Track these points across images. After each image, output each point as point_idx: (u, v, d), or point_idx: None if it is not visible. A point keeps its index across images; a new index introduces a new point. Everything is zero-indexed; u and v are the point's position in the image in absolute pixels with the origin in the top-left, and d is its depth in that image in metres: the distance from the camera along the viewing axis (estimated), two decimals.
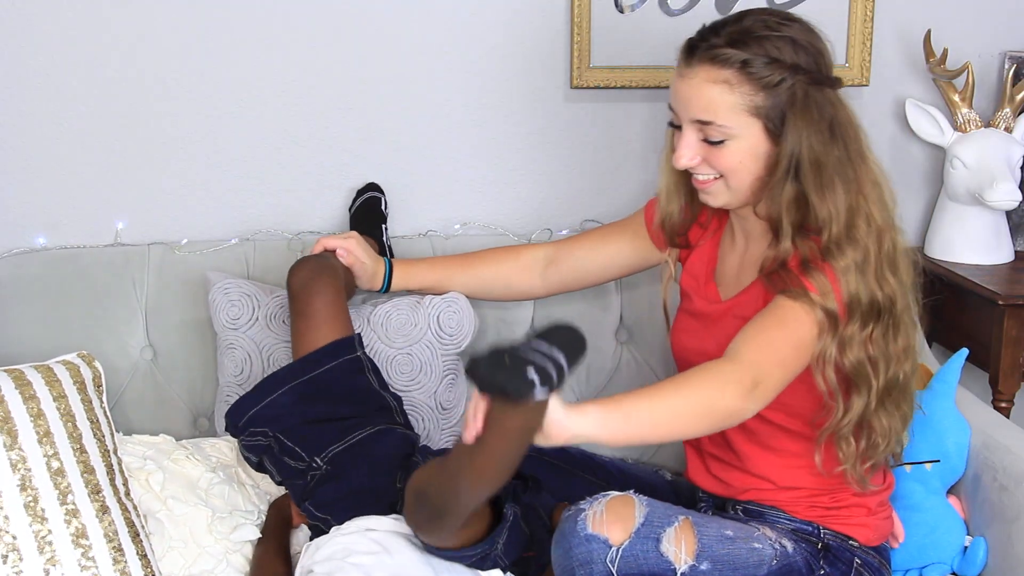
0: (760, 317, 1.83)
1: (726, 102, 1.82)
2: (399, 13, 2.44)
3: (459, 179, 2.53)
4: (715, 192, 1.92)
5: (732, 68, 1.81)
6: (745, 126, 1.83)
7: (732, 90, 1.82)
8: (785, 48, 1.83)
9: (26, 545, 1.83)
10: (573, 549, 1.80)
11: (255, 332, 2.22)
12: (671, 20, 2.49)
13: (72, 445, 1.91)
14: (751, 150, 1.85)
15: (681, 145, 1.88)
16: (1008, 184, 2.44)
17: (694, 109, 1.85)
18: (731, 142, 1.85)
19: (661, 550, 1.79)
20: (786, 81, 1.82)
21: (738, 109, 1.83)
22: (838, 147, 1.84)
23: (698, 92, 1.84)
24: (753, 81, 1.81)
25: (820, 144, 1.82)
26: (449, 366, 2.25)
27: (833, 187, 1.82)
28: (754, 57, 1.81)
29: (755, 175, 1.87)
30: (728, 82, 1.82)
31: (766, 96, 1.82)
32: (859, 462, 1.89)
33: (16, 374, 1.94)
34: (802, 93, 1.82)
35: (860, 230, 1.83)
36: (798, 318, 1.80)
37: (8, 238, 2.41)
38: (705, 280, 2.05)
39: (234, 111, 2.44)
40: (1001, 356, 2.38)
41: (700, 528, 1.84)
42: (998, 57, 2.62)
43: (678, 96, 1.87)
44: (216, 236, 2.45)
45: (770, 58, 1.81)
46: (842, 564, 1.93)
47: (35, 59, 2.37)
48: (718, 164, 1.87)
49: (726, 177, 1.88)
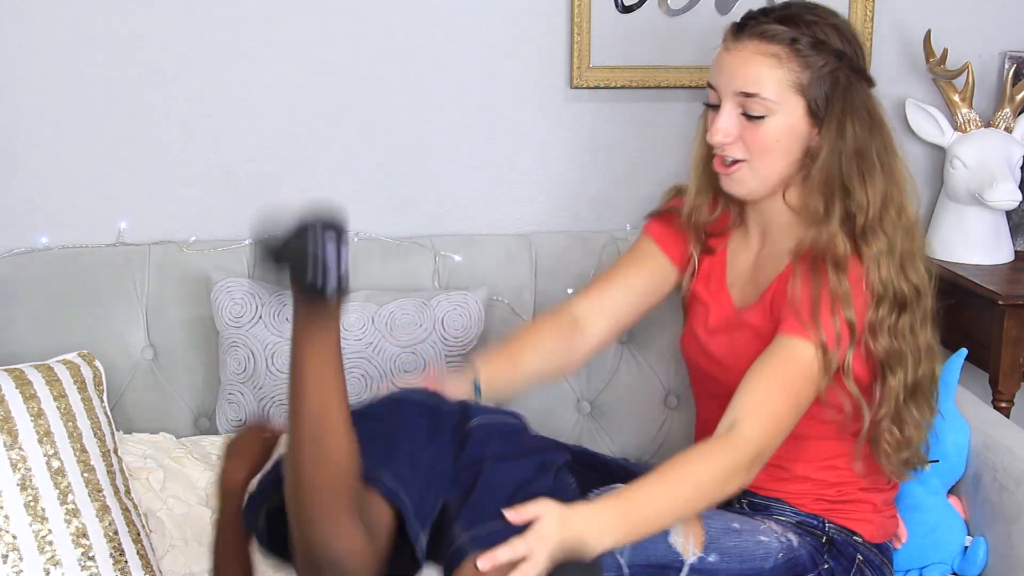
0: (762, 373, 1.82)
1: (773, 76, 1.84)
2: (400, 13, 2.44)
3: (459, 179, 2.53)
4: (740, 178, 1.91)
5: (781, 44, 1.84)
6: (789, 103, 1.85)
7: (780, 64, 1.84)
8: (832, 34, 1.86)
9: (26, 545, 1.83)
10: None
11: (258, 330, 2.22)
12: (671, 20, 2.49)
13: (72, 444, 1.91)
14: (789, 129, 1.86)
15: (719, 118, 1.88)
16: (1008, 184, 2.44)
17: (739, 81, 1.86)
18: (771, 118, 1.86)
19: (670, 542, 1.80)
20: (830, 65, 1.85)
21: (784, 84, 1.84)
22: (876, 138, 1.87)
23: (746, 64, 1.85)
24: (801, 58, 1.84)
25: (863, 131, 1.86)
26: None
27: (873, 174, 1.85)
28: (803, 36, 1.84)
29: (788, 158, 1.88)
30: (777, 56, 1.84)
31: (812, 76, 1.84)
32: (895, 454, 1.91)
33: (16, 373, 1.94)
34: (845, 80, 1.86)
35: (891, 220, 1.86)
36: (802, 370, 1.81)
37: (10, 238, 2.41)
38: (717, 286, 2.04)
39: (235, 111, 2.44)
40: (1001, 356, 2.37)
41: (707, 521, 1.84)
42: (998, 57, 2.62)
43: (723, 69, 1.88)
44: (218, 236, 2.45)
45: (817, 40, 1.85)
46: (845, 559, 1.94)
47: (37, 58, 2.37)
48: (755, 141, 1.87)
49: (754, 160, 1.88)
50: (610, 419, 2.38)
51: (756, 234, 2.02)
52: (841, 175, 1.85)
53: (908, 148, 2.61)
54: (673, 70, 2.50)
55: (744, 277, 2.02)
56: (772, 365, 1.83)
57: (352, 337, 2.22)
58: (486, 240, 2.47)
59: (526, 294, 2.41)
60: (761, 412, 1.80)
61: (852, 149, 1.85)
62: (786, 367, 1.82)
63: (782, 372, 1.82)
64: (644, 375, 2.40)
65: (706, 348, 2.02)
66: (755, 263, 2.01)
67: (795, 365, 1.82)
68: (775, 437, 1.81)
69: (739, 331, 1.97)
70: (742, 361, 1.93)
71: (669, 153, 2.52)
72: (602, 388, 2.42)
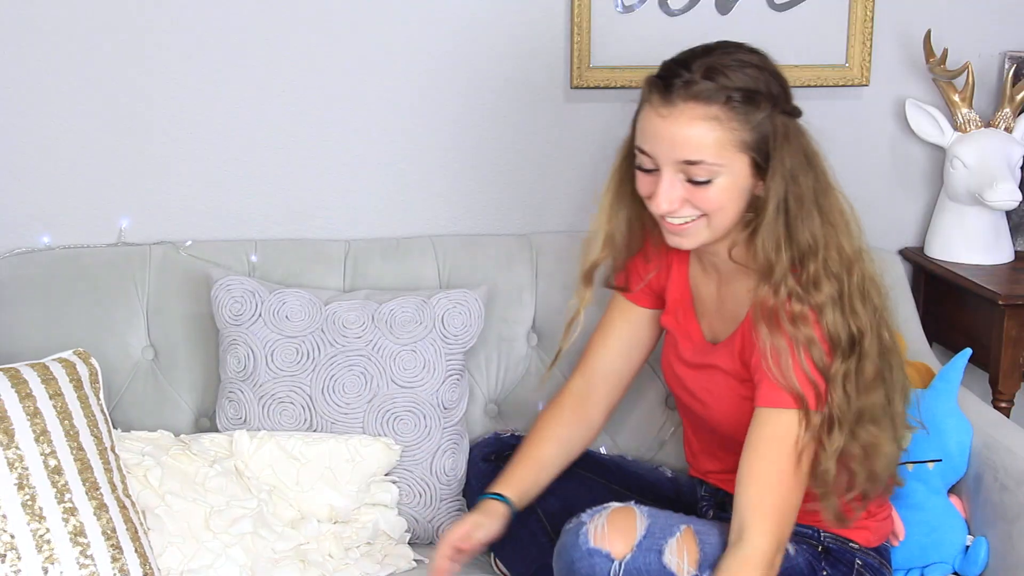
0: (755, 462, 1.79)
1: (716, 139, 1.75)
2: (400, 14, 2.44)
3: (459, 179, 2.53)
4: (693, 233, 1.84)
5: (716, 103, 1.75)
6: (733, 162, 1.77)
7: (720, 126, 1.75)
8: (760, 78, 1.78)
9: (24, 544, 1.82)
10: (576, 563, 1.79)
11: (257, 328, 2.22)
12: (671, 20, 2.49)
13: (69, 443, 1.91)
14: (736, 186, 1.79)
15: (662, 189, 1.79)
16: (1008, 184, 2.44)
17: (680, 150, 1.76)
18: (718, 180, 1.78)
19: (664, 562, 1.79)
20: (765, 113, 1.77)
21: (727, 145, 1.76)
22: (811, 178, 1.80)
23: (684, 131, 1.75)
24: (738, 116, 1.75)
25: (802, 175, 1.79)
26: (453, 365, 2.25)
27: (811, 219, 1.79)
28: (735, 91, 1.75)
29: (737, 209, 1.82)
30: (716, 118, 1.75)
31: (751, 130, 1.76)
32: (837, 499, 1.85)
33: (12, 372, 1.93)
34: (782, 124, 1.78)
35: (833, 262, 1.80)
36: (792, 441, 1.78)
37: (11, 237, 2.41)
38: (685, 317, 2.01)
39: (235, 110, 2.44)
40: (1001, 356, 2.37)
41: (702, 536, 1.83)
42: (998, 57, 2.62)
43: (660, 138, 1.78)
44: (219, 236, 2.45)
45: (749, 90, 1.76)
46: (843, 566, 1.93)
47: (37, 58, 2.37)
48: (704, 204, 1.79)
49: (710, 216, 1.81)
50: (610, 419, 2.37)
51: (712, 272, 1.98)
52: (787, 226, 1.79)
53: (908, 148, 2.62)
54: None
55: (711, 310, 1.98)
56: (761, 448, 1.80)
57: (352, 335, 2.22)
58: (486, 240, 2.47)
59: (526, 294, 2.41)
60: (764, 510, 1.78)
61: (795, 197, 1.78)
62: (776, 447, 1.79)
63: (774, 452, 1.79)
64: (644, 375, 2.39)
65: (684, 382, 2.01)
66: (718, 297, 1.97)
67: (783, 440, 1.79)
68: (785, 526, 1.80)
69: (710, 370, 1.95)
70: (720, 401, 1.93)
71: None
72: None
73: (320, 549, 2.10)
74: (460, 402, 2.26)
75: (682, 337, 2.00)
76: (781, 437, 1.79)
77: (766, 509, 1.78)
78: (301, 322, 2.23)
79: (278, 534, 2.08)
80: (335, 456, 2.15)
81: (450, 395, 2.24)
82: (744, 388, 1.87)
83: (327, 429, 2.20)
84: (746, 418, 1.84)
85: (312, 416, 2.20)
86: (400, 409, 2.21)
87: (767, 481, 1.79)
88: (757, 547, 1.77)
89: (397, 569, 2.13)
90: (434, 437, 2.22)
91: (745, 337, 1.86)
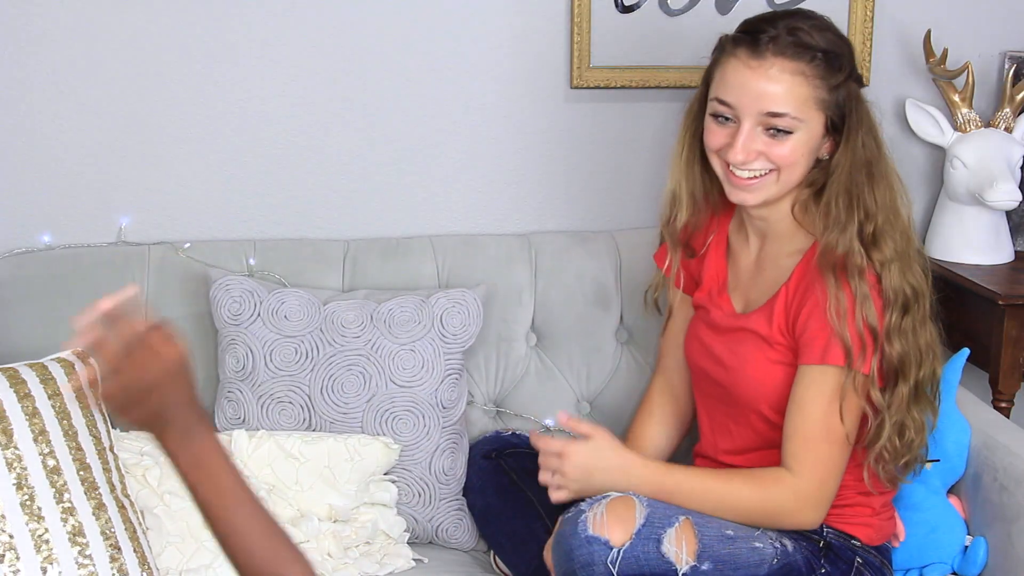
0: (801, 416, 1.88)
1: (801, 94, 1.85)
2: (399, 14, 2.44)
3: (459, 180, 2.53)
4: (761, 188, 1.91)
5: (803, 61, 1.85)
6: (811, 119, 1.87)
7: (806, 81, 1.85)
8: (838, 42, 1.90)
9: (23, 544, 1.82)
10: (574, 551, 1.80)
11: (256, 328, 2.22)
12: (671, 20, 2.49)
13: (68, 443, 1.91)
14: (809, 144, 1.89)
15: (740, 139, 1.88)
16: (1008, 184, 2.44)
17: (767, 101, 1.85)
18: (796, 134, 1.87)
19: (662, 551, 1.80)
20: (842, 77, 1.88)
21: (809, 101, 1.86)
22: (874, 145, 1.91)
23: (775, 83, 1.85)
24: (821, 74, 1.86)
25: (870, 141, 1.89)
26: (452, 365, 2.25)
27: (880, 183, 1.89)
28: (820, 51, 1.86)
29: (804, 170, 1.91)
30: (803, 73, 1.85)
31: (830, 90, 1.87)
32: (892, 460, 1.92)
33: (10, 372, 1.93)
34: (856, 90, 1.90)
35: (890, 225, 1.89)
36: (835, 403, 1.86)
37: (11, 237, 2.41)
38: (719, 294, 2.05)
39: (236, 111, 2.44)
40: (1001, 356, 2.37)
41: (701, 528, 1.84)
42: (998, 57, 2.61)
43: (746, 88, 1.86)
44: (218, 235, 2.45)
45: (832, 52, 1.87)
46: (843, 563, 1.93)
47: (37, 58, 2.37)
48: (778, 158, 1.88)
49: (780, 171, 1.89)
50: (610, 419, 2.37)
51: (754, 238, 2.02)
52: (857, 185, 1.88)
53: (908, 148, 2.61)
54: (673, 70, 2.50)
55: (745, 281, 2.02)
56: (807, 406, 1.88)
57: (351, 335, 2.22)
58: (486, 240, 2.46)
59: (525, 294, 2.41)
60: (809, 459, 1.87)
61: (863, 160, 1.88)
62: (821, 403, 1.87)
63: (819, 409, 1.87)
64: (644, 375, 2.39)
65: (710, 349, 2.03)
66: (755, 266, 2.01)
67: (828, 397, 1.86)
68: (827, 481, 1.88)
69: (741, 334, 1.98)
70: (746, 364, 1.95)
71: (669, 153, 2.52)
72: (602, 388, 2.41)
73: (319, 548, 2.10)
74: (459, 402, 2.26)
75: (714, 308, 2.05)
76: (827, 394, 1.86)
77: (810, 460, 1.87)
78: (300, 322, 2.23)
79: None
80: (334, 455, 2.15)
81: (449, 395, 2.24)
82: (774, 352, 1.93)
83: (326, 429, 2.20)
84: (769, 381, 1.92)
85: (311, 416, 2.20)
86: (399, 409, 2.21)
87: (813, 434, 1.86)
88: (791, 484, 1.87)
89: (396, 568, 2.14)
90: (433, 437, 2.22)
91: (789, 297, 1.92)
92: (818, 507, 1.89)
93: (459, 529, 2.23)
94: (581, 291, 2.41)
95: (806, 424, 1.87)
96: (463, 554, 2.25)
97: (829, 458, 1.87)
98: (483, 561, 2.23)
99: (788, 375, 1.91)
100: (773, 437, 1.94)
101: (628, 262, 2.43)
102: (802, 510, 1.88)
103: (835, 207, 1.88)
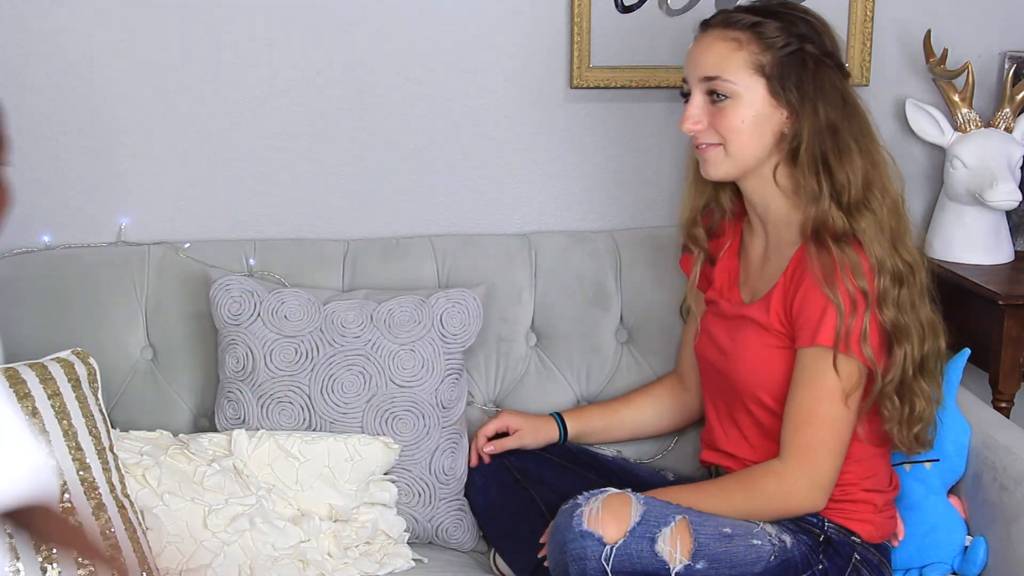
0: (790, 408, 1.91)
1: (733, 59, 1.92)
2: (399, 14, 2.44)
3: (459, 179, 2.53)
4: (714, 160, 1.97)
5: (742, 29, 1.92)
6: (749, 86, 1.91)
7: (740, 47, 1.92)
8: (799, 24, 1.93)
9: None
10: (567, 544, 1.81)
11: (256, 328, 2.22)
12: (671, 20, 2.49)
13: (67, 443, 1.91)
14: (752, 110, 1.92)
15: (689, 106, 1.96)
16: (1008, 184, 2.44)
17: (703, 67, 1.94)
18: (733, 100, 1.92)
19: (656, 550, 1.80)
20: (792, 46, 1.91)
21: (744, 66, 1.91)
22: (851, 120, 1.93)
23: (708, 50, 1.95)
24: (761, 41, 1.91)
25: (835, 111, 1.91)
26: (451, 365, 2.25)
27: (850, 152, 1.91)
28: (766, 21, 1.91)
29: (759, 141, 1.93)
30: (737, 40, 1.92)
31: (772, 57, 1.91)
32: (905, 426, 1.94)
33: (10, 372, 1.93)
34: (812, 61, 1.91)
35: (876, 199, 1.91)
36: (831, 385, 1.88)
37: (11, 237, 2.41)
38: (729, 288, 2.08)
39: (235, 111, 2.44)
40: (1001, 356, 2.37)
41: (697, 527, 1.84)
42: (998, 57, 2.61)
43: (689, 59, 1.98)
44: (218, 235, 2.45)
45: (781, 25, 1.91)
46: (841, 559, 1.94)
47: (36, 58, 2.37)
48: (720, 125, 1.93)
49: (726, 143, 1.94)
50: None
51: (759, 228, 2.04)
52: (823, 153, 1.90)
53: (908, 148, 2.61)
54: (674, 70, 2.48)
55: (754, 272, 2.05)
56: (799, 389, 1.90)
57: (351, 335, 2.22)
58: (486, 240, 2.46)
59: (525, 294, 2.41)
60: (796, 443, 1.89)
61: (825, 127, 1.90)
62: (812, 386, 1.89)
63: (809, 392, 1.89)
64: (644, 375, 2.39)
65: (713, 335, 2.06)
66: (763, 256, 2.03)
67: (819, 378, 1.88)
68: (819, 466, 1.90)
69: (741, 321, 2.00)
70: (744, 350, 1.98)
71: (669, 153, 2.52)
72: (602, 388, 2.41)
73: (319, 548, 2.11)
74: (459, 401, 2.26)
75: (723, 300, 2.07)
76: (817, 377, 1.88)
77: (798, 445, 1.88)
78: (300, 322, 2.23)
79: (279, 530, 2.08)
80: (334, 455, 2.15)
81: (449, 394, 2.24)
82: (771, 338, 1.95)
83: (326, 428, 2.20)
84: (764, 368, 1.94)
85: (311, 416, 2.20)
86: (399, 408, 2.21)
87: (800, 419, 1.89)
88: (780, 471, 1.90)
89: (396, 568, 2.14)
90: (433, 436, 2.22)
91: (786, 285, 1.94)
92: (812, 491, 1.90)
93: (459, 529, 2.23)
94: (581, 291, 2.41)
95: (795, 408, 1.90)
96: (463, 554, 2.25)
97: (820, 442, 1.88)
98: (483, 561, 2.23)
99: (787, 362, 1.93)
100: (776, 428, 1.94)
101: (628, 262, 2.43)
102: (793, 495, 1.90)
103: (803, 177, 1.92)
